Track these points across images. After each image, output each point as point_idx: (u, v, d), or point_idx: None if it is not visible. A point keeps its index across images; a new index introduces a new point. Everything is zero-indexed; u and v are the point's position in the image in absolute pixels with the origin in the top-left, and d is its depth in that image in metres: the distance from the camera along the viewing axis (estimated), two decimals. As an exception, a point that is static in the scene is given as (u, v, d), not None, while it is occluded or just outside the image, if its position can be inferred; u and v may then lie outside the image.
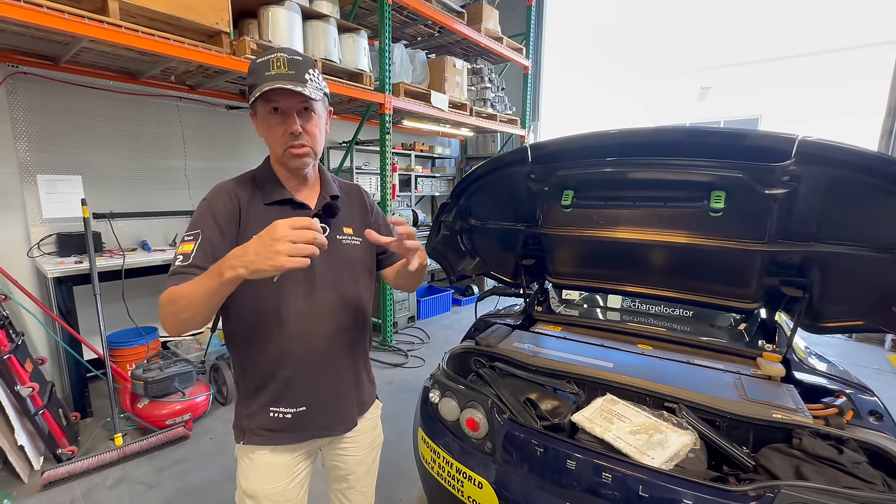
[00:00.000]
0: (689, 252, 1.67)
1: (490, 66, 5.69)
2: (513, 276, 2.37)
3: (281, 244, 0.76)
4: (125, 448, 2.48)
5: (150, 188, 3.65)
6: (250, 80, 1.02)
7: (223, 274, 0.81)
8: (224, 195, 1.04)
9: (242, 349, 1.10)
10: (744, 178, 1.25)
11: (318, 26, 3.27)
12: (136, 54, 2.75)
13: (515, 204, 1.88)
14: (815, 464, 1.24)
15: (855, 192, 1.24)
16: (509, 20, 5.97)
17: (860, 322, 1.60)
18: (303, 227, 0.78)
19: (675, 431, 1.40)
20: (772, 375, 1.73)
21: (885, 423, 1.48)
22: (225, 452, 2.59)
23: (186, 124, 3.79)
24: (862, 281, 1.49)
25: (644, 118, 6.37)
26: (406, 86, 4.11)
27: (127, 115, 3.45)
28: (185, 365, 2.83)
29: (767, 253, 1.53)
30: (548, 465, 1.34)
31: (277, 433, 1.10)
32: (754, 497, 1.10)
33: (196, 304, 0.86)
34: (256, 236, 0.80)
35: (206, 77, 3.39)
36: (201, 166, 3.96)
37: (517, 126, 6.09)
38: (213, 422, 2.91)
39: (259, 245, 0.78)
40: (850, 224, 1.35)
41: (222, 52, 2.70)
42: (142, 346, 3.14)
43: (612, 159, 1.41)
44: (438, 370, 1.90)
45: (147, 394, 2.64)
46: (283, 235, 0.77)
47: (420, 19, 4.59)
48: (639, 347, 2.03)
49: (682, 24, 6.05)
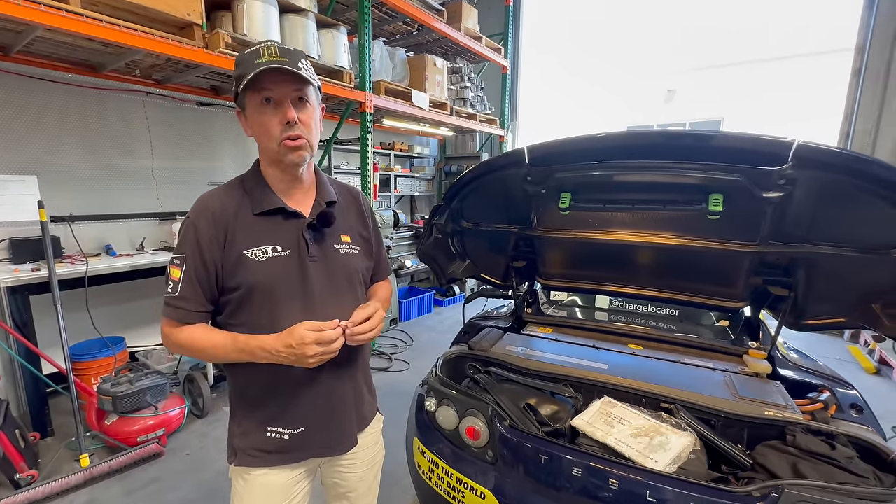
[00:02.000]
0: (682, 253, 1.69)
1: (469, 66, 5.67)
2: (503, 278, 2.35)
3: (310, 359, 0.91)
4: (92, 469, 2.31)
5: (114, 189, 3.43)
6: (238, 70, 0.94)
7: (258, 360, 0.94)
8: (208, 215, 0.98)
9: (237, 368, 1.03)
10: (742, 181, 1.26)
11: (297, 20, 3.15)
12: (98, 45, 2.56)
13: (510, 206, 1.85)
14: (810, 460, 1.27)
15: (844, 195, 1.28)
16: (487, 20, 5.97)
17: (842, 319, 1.66)
18: (328, 340, 0.91)
19: (675, 433, 1.41)
20: (759, 372, 1.77)
21: (866, 415, 1.54)
22: (203, 468, 2.45)
23: (153, 121, 3.58)
24: (845, 280, 1.54)
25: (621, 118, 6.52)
26: (387, 84, 4.03)
27: (88, 110, 3.22)
28: (158, 377, 2.67)
29: (758, 254, 1.57)
30: (553, 473, 1.32)
31: (273, 454, 1.03)
32: (759, 497, 1.12)
33: (217, 360, 1.02)
34: (285, 344, 0.90)
35: (174, 71, 3.20)
36: (170, 165, 3.75)
37: (496, 126, 6.10)
38: (189, 436, 2.76)
39: (289, 353, 0.90)
40: (837, 226, 1.39)
41: (195, 46, 2.55)
42: (108, 358, 2.94)
43: (612, 162, 1.40)
44: (432, 376, 1.84)
45: (116, 409, 2.47)
46: (313, 353, 0.90)
47: (399, 16, 4.51)
48: (630, 347, 2.04)
49: (649, 27, 6.24)
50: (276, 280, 0.98)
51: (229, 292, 0.99)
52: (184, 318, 0.96)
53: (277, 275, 0.98)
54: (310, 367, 0.94)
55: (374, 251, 1.18)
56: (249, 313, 0.98)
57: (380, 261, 1.20)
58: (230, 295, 0.99)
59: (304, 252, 1.01)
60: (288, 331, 0.91)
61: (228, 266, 0.97)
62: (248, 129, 1.01)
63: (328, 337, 0.91)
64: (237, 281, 0.97)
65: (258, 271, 0.97)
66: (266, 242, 0.98)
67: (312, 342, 0.89)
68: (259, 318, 0.97)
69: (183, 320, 0.96)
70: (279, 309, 0.97)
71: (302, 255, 1.00)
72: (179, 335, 0.97)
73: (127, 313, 3.58)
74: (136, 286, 3.49)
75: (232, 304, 0.99)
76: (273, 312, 0.97)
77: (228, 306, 1.00)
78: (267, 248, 0.98)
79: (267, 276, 0.97)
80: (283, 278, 0.98)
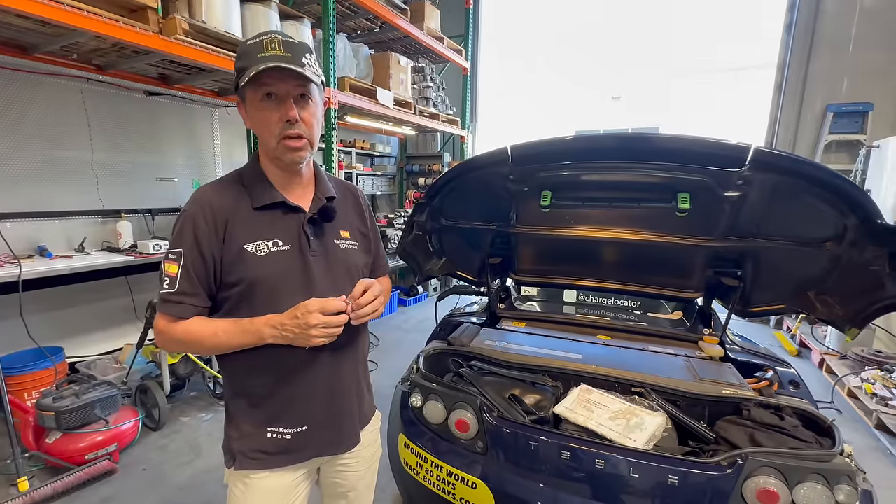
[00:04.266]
0: (649, 248, 1.82)
1: (431, 66, 5.70)
2: (478, 274, 2.41)
3: (315, 330, 0.89)
4: (33, 493, 2.09)
5: (47, 183, 3.10)
6: (239, 63, 0.92)
7: (264, 338, 0.92)
8: (206, 209, 0.95)
9: (235, 365, 1.00)
10: (707, 181, 1.39)
11: (259, 10, 3.02)
12: (33, 24, 2.31)
13: (490, 204, 1.90)
14: (764, 431, 1.43)
15: (789, 195, 1.45)
16: (447, 22, 6.02)
17: (782, 306, 1.87)
18: (334, 312, 0.91)
19: (649, 414, 1.53)
20: (713, 356, 1.96)
21: (802, 390, 1.75)
22: (162, 483, 2.29)
23: (94, 110, 3.27)
24: (786, 271, 1.75)
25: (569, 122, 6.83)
26: (351, 80, 3.96)
27: (13, 95, 2.89)
28: (108, 388, 2.45)
29: (714, 248, 1.73)
30: (542, 458, 1.39)
31: (275, 455, 1.00)
32: (728, 465, 1.24)
33: (219, 350, 0.98)
34: (291, 316, 0.90)
35: (120, 57, 2.96)
36: (113, 159, 3.44)
37: (458, 126, 6.17)
38: (145, 450, 2.57)
39: (295, 326, 0.90)
40: (782, 222, 1.57)
41: (149, 31, 2.37)
42: (45, 371, 2.66)
43: (592, 162, 1.49)
44: (414, 373, 1.86)
45: (60, 426, 2.24)
46: (317, 323, 0.89)
47: (362, 12, 4.44)
48: (598, 338, 2.17)
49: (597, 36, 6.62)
50: (277, 274, 0.96)
51: (228, 287, 0.96)
52: (182, 313, 0.93)
53: (279, 269, 0.96)
54: (313, 345, 0.91)
55: (372, 247, 1.18)
56: (249, 309, 0.95)
57: (378, 257, 1.21)
58: (230, 290, 0.96)
59: (304, 246, 0.99)
60: (295, 306, 0.91)
61: (228, 260, 0.94)
62: (247, 121, 0.98)
63: (333, 306, 0.91)
64: (237, 275, 0.94)
65: (259, 265, 0.95)
66: (267, 237, 0.97)
67: (317, 310, 0.88)
68: (259, 313, 0.95)
69: (181, 315, 0.93)
70: (280, 304, 0.95)
71: (303, 250, 0.99)
72: (177, 329, 0.94)
73: (63, 321, 3.25)
74: (73, 291, 3.19)
75: (232, 299, 0.96)
76: (274, 307, 0.94)
77: (227, 302, 0.97)
78: (268, 242, 0.96)
79: (268, 270, 0.95)
80: (284, 273, 0.97)
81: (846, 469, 1.19)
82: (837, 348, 3.84)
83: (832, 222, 1.47)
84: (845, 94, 4.91)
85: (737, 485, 1.20)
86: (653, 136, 1.38)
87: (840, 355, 3.73)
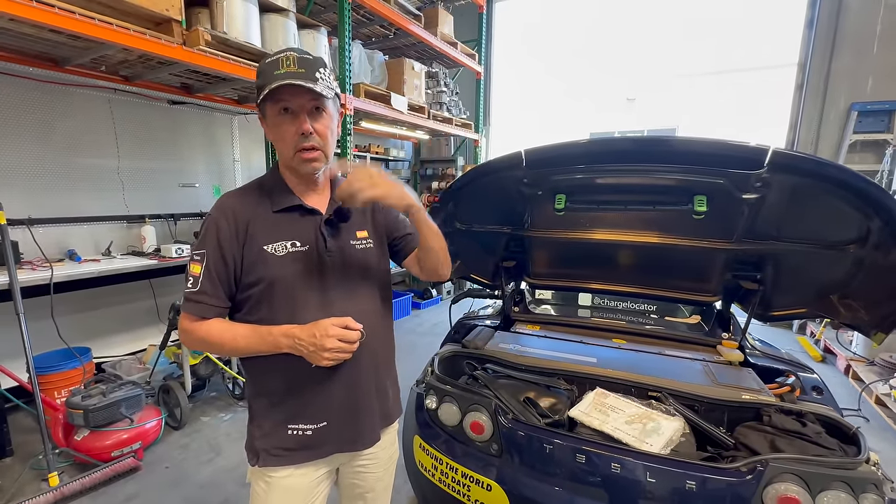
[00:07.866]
0: (665, 251, 1.81)
1: (445, 71, 5.74)
2: (492, 278, 2.42)
3: (328, 353, 0.92)
4: (63, 488, 2.17)
5: (77, 190, 3.23)
6: (259, 81, 0.99)
7: (280, 347, 0.96)
8: (228, 213, 1.01)
9: (256, 366, 1.03)
10: (724, 183, 1.38)
11: (277, 20, 3.10)
12: (65, 39, 2.42)
13: (504, 207, 1.92)
14: (785, 437, 1.41)
15: (810, 197, 1.43)
16: (460, 27, 6.06)
17: (804, 310, 1.83)
18: (349, 339, 0.94)
19: (666, 418, 1.51)
20: (732, 361, 1.92)
21: (825, 396, 1.70)
22: (184, 481, 2.36)
23: (120, 119, 3.40)
24: (807, 274, 1.71)
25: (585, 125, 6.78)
26: (366, 86, 4.02)
27: (46, 106, 3.02)
28: (133, 388, 2.53)
29: (733, 251, 1.71)
30: (557, 461, 1.39)
31: (297, 451, 1.03)
32: (748, 471, 1.22)
33: (238, 353, 1.03)
34: (309, 333, 0.93)
35: (146, 68, 3.07)
36: (138, 166, 3.57)
37: (471, 130, 6.20)
38: (167, 448, 2.64)
39: (310, 344, 0.93)
40: (802, 225, 1.54)
41: (173, 42, 2.46)
42: (74, 370, 2.76)
43: (607, 166, 1.49)
44: (429, 375, 1.87)
45: (88, 424, 2.33)
46: (332, 347, 0.92)
47: (377, 19, 4.52)
48: (614, 342, 2.15)
49: (611, 38, 6.58)
50: (295, 274, 1.00)
51: (248, 288, 1.00)
52: (203, 313, 0.98)
53: (297, 269, 1.01)
54: (320, 365, 0.94)
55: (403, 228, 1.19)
56: (269, 308, 1.00)
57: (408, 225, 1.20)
58: (249, 290, 1.00)
59: (321, 247, 1.03)
60: (314, 322, 0.94)
61: (248, 261, 0.99)
62: (268, 133, 1.04)
63: (351, 336, 0.94)
64: (257, 275, 0.99)
65: (277, 265, 0.99)
66: (285, 238, 1.01)
67: (335, 336, 0.92)
68: (278, 313, 0.99)
69: (202, 314, 0.98)
70: (297, 303, 1.00)
71: (320, 251, 1.03)
72: (200, 329, 0.98)
73: (90, 322, 3.37)
74: (99, 293, 3.31)
75: (252, 299, 1.01)
76: (291, 306, 0.99)
77: (248, 302, 1.02)
78: (286, 242, 1.01)
79: (286, 270, 1.00)
80: (301, 272, 1.01)
81: (872, 477, 1.16)
82: (864, 354, 3.71)
83: (855, 224, 1.44)
84: (870, 92, 4.77)
85: (757, 491, 1.18)
86: (668, 139, 1.38)
87: (867, 361, 3.61)
